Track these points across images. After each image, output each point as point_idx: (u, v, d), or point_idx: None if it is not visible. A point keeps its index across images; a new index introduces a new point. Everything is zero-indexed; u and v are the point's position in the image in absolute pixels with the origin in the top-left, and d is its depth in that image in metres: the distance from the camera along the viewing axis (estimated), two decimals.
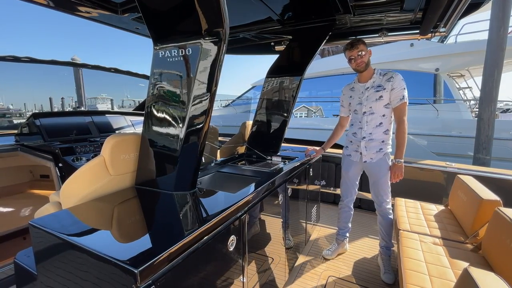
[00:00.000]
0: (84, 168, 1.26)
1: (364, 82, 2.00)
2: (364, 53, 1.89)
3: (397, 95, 1.88)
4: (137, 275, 0.71)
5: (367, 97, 1.98)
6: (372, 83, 1.96)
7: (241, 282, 1.28)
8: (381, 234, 2.15)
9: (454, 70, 7.94)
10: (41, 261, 1.02)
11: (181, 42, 1.23)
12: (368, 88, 1.97)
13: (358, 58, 1.90)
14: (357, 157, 2.10)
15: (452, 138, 6.96)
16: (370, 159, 2.04)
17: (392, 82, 1.88)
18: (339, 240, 2.36)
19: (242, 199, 1.26)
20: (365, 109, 1.99)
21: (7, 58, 2.42)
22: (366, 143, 2.03)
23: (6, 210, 2.74)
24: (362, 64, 1.91)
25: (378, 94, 1.93)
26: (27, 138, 2.59)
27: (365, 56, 1.90)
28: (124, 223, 1.06)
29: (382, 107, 1.94)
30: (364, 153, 2.05)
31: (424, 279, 1.37)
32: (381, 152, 2.01)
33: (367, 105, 1.98)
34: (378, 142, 2.00)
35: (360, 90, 2.02)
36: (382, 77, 1.94)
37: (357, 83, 2.06)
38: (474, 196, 1.80)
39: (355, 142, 2.11)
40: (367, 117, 1.99)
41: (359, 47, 1.89)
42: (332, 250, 2.31)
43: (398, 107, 1.91)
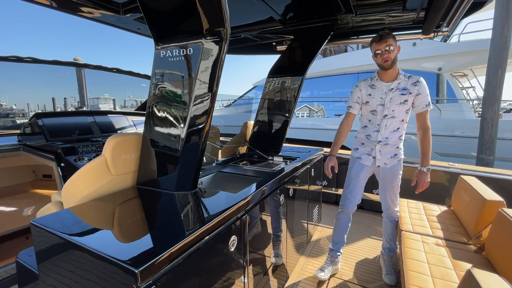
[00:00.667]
0: (86, 168, 1.27)
1: (388, 82, 1.83)
2: (393, 48, 1.72)
3: (422, 100, 1.79)
4: (137, 275, 0.71)
5: (390, 99, 1.82)
6: (397, 85, 1.80)
7: (242, 282, 1.27)
8: (386, 236, 2.12)
9: (457, 69, 7.90)
10: (42, 260, 1.02)
11: (182, 42, 1.23)
12: (393, 90, 1.81)
13: (385, 53, 1.73)
14: (369, 161, 1.98)
15: (455, 138, 6.91)
16: (384, 164, 1.94)
17: (418, 87, 1.77)
18: (332, 257, 2.09)
19: (243, 199, 1.26)
20: (387, 111, 1.84)
21: (10, 58, 2.44)
22: (382, 147, 1.92)
23: (9, 210, 2.76)
24: (388, 61, 1.74)
25: (403, 97, 1.80)
26: (29, 138, 2.60)
27: (393, 52, 1.73)
28: (125, 222, 1.06)
29: (404, 111, 1.84)
30: (378, 157, 1.93)
31: (426, 280, 1.36)
32: (396, 158, 1.93)
33: (390, 107, 1.83)
34: (393, 147, 1.91)
35: (383, 89, 1.84)
36: (407, 79, 1.81)
37: (379, 81, 1.87)
38: (478, 197, 1.78)
39: (368, 145, 1.98)
40: (387, 120, 1.86)
41: (388, 40, 1.71)
42: (326, 271, 2.00)
43: (423, 113, 1.82)
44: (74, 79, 7.39)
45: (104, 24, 2.31)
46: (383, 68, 1.81)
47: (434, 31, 2.33)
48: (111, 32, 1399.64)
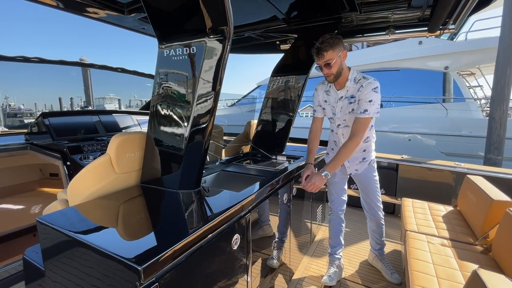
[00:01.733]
0: (91, 166, 1.28)
1: (339, 89, 1.72)
2: (332, 63, 1.54)
3: (360, 106, 1.59)
4: (140, 272, 0.72)
5: (341, 109, 1.74)
6: (346, 93, 1.69)
7: (245, 281, 1.27)
8: (374, 238, 2.06)
9: (465, 68, 7.78)
10: (48, 257, 1.03)
11: (186, 40, 1.23)
12: (342, 98, 1.71)
13: (325, 69, 1.58)
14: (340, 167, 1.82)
15: (462, 138, 6.82)
16: (355, 171, 1.87)
17: (360, 92, 1.59)
18: (334, 262, 2.02)
19: (246, 198, 1.26)
20: (339, 121, 1.78)
21: (17, 58, 2.48)
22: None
23: (17, 208, 2.81)
24: (329, 76, 1.61)
25: (351, 106, 1.67)
26: (36, 137, 2.64)
27: (334, 67, 1.56)
28: (129, 220, 1.07)
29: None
30: (346, 165, 1.86)
31: (432, 280, 1.35)
32: (365, 162, 1.84)
33: (341, 117, 1.75)
34: (359, 152, 1.81)
35: (335, 97, 1.75)
36: (356, 84, 1.63)
37: (333, 87, 1.75)
38: (484, 196, 1.75)
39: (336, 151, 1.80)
40: (342, 129, 1.79)
41: (325, 55, 1.52)
42: (332, 276, 1.91)
43: (358, 119, 1.59)
44: (80, 79, 7.49)
45: (109, 24, 2.33)
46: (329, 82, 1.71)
47: (441, 29, 2.29)
48: (116, 33, 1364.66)
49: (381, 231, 2.02)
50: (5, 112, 21.48)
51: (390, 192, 3.10)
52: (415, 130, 7.32)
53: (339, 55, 1.56)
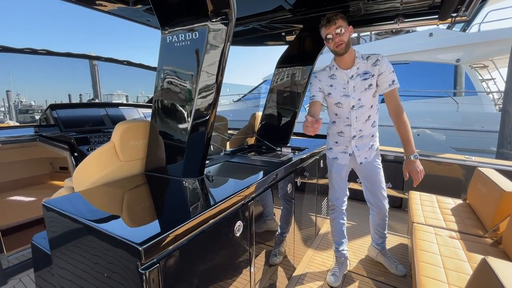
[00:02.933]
0: (95, 154, 1.29)
1: (346, 69, 1.66)
2: (344, 30, 1.53)
3: (386, 79, 1.59)
4: (141, 253, 0.72)
5: (354, 88, 1.65)
6: (357, 70, 1.64)
7: (248, 269, 1.27)
8: (376, 231, 2.00)
9: (477, 60, 7.53)
10: (53, 240, 1.05)
11: (188, 25, 1.22)
12: (353, 77, 1.65)
13: (336, 37, 1.55)
14: (345, 159, 1.82)
15: (473, 132, 6.63)
16: (365, 159, 1.79)
17: (379, 66, 1.59)
18: (341, 259, 1.99)
19: (249, 185, 1.25)
20: (354, 102, 1.67)
21: (24, 50, 2.52)
22: (357, 142, 1.75)
23: (28, 200, 2.88)
24: (341, 45, 1.56)
25: (367, 82, 1.62)
26: (45, 129, 2.70)
27: (345, 35, 1.54)
28: (133, 205, 1.08)
29: (371, 96, 1.66)
30: (356, 154, 1.78)
31: (438, 271, 1.32)
32: (373, 149, 1.78)
33: (356, 97, 1.66)
34: (368, 138, 1.75)
35: (344, 78, 1.68)
36: (366, 61, 1.63)
37: (338, 69, 1.69)
38: (495, 188, 1.70)
39: (342, 143, 1.81)
40: (356, 111, 1.69)
41: (337, 22, 1.52)
42: (338, 275, 1.89)
43: (391, 93, 1.61)
44: (88, 76, 7.58)
45: (115, 16, 2.34)
46: (337, 54, 1.64)
47: (452, 16, 2.21)
48: (123, 28, 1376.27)
49: (385, 223, 1.97)
50: (17, 108, 22.05)
51: (397, 186, 3.04)
52: (425, 124, 7.16)
53: (347, 27, 1.57)
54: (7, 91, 23.56)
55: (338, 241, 2.02)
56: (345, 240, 2.03)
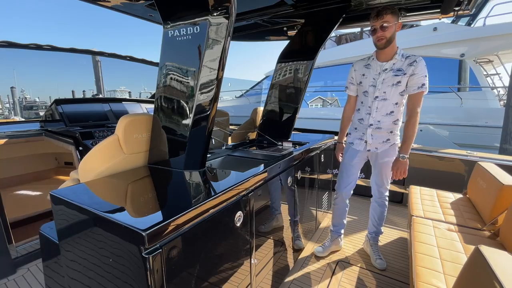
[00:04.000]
0: (100, 146, 1.33)
1: (383, 61, 1.75)
2: (389, 25, 1.59)
3: (417, 81, 1.65)
4: (145, 238, 0.76)
5: (383, 80, 1.74)
6: (392, 65, 1.71)
7: (248, 259, 1.31)
8: (373, 220, 2.08)
9: (482, 55, 7.43)
10: (61, 229, 1.09)
11: (190, 19, 1.24)
12: (387, 70, 1.73)
13: (380, 31, 1.62)
14: (361, 145, 1.92)
15: (477, 128, 6.59)
16: (375, 149, 1.87)
17: (414, 67, 1.65)
18: (333, 237, 2.19)
19: (249, 178, 1.28)
20: (378, 93, 1.76)
21: (30, 46, 2.56)
22: (373, 131, 1.84)
23: (35, 194, 2.94)
24: (383, 39, 1.64)
25: (397, 79, 1.70)
26: (51, 124, 2.75)
27: (389, 31, 1.61)
28: (137, 195, 1.12)
29: (398, 94, 1.73)
30: (369, 142, 1.86)
31: (435, 262, 1.34)
32: (388, 143, 1.84)
33: (381, 89, 1.75)
34: (386, 132, 1.82)
35: (377, 69, 1.77)
36: (405, 60, 1.69)
37: (375, 60, 1.79)
38: (494, 182, 1.72)
39: (360, 129, 1.92)
40: (378, 102, 1.78)
41: (385, 17, 1.58)
42: (324, 247, 2.13)
43: (415, 95, 1.68)
44: (91, 72, 7.64)
45: (118, 12, 2.36)
46: (377, 47, 1.73)
47: (454, 10, 2.20)
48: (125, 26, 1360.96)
49: (382, 213, 2.04)
50: (22, 104, 22.30)
51: (398, 182, 3.06)
52: (428, 120, 7.11)
53: (395, 23, 1.63)
54: (12, 88, 23.78)
55: (335, 223, 2.20)
56: (342, 224, 2.19)
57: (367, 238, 2.16)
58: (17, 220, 2.38)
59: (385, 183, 1.96)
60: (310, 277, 1.91)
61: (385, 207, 2.03)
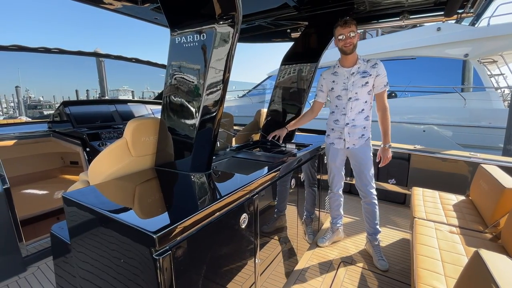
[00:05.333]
0: (109, 149, 1.37)
1: (348, 67, 1.95)
2: (354, 34, 1.83)
3: (381, 81, 1.90)
4: (155, 240, 0.79)
5: (353, 83, 1.94)
6: (358, 69, 1.93)
7: (252, 260, 1.34)
8: (368, 222, 2.14)
9: (486, 55, 7.38)
10: (73, 229, 1.13)
11: (197, 27, 1.27)
12: (354, 74, 1.93)
13: (348, 39, 1.84)
14: (341, 144, 2.09)
15: (480, 129, 6.55)
16: (353, 145, 2.04)
17: (377, 69, 1.89)
18: (334, 228, 2.37)
19: (254, 180, 1.31)
20: (351, 94, 1.96)
21: (38, 49, 2.61)
22: (350, 129, 2.02)
23: (42, 193, 3.00)
24: (350, 46, 1.85)
25: (364, 80, 1.91)
26: (58, 125, 2.80)
27: (355, 38, 1.85)
28: (145, 197, 1.15)
29: (366, 93, 1.94)
30: (347, 139, 2.04)
31: (436, 264, 1.37)
32: (363, 138, 2.03)
33: (353, 90, 1.95)
34: (360, 128, 2.01)
35: (345, 75, 1.97)
36: (366, 63, 1.93)
37: (340, 67, 2.00)
38: (497, 184, 1.73)
39: (337, 130, 2.09)
40: (352, 103, 1.97)
41: (351, 26, 1.82)
42: (326, 238, 2.33)
43: (382, 93, 1.93)
44: (95, 72, 7.70)
45: (123, 15, 2.40)
46: (344, 53, 1.92)
47: (458, 13, 2.21)
48: (129, 26, 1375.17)
49: (374, 212, 2.09)
50: (26, 104, 22.53)
51: (401, 183, 3.07)
52: (431, 121, 7.09)
53: (358, 33, 1.87)
54: (16, 87, 23.99)
55: (333, 215, 2.37)
56: (340, 214, 2.36)
57: (368, 239, 2.19)
58: (25, 218, 2.43)
59: (370, 180, 2.06)
60: (313, 276, 1.93)
61: (376, 206, 2.09)
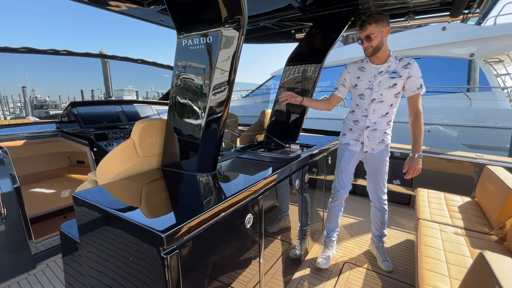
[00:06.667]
0: (117, 150, 1.39)
1: (377, 64, 1.78)
2: (373, 35, 1.64)
3: (414, 83, 1.73)
4: (164, 239, 0.81)
5: (379, 83, 1.77)
6: (387, 68, 1.75)
7: (257, 260, 1.36)
8: (375, 224, 2.09)
9: (492, 55, 7.29)
10: (82, 227, 1.16)
11: (203, 30, 1.29)
12: (382, 73, 1.76)
13: (365, 42, 1.69)
14: (357, 147, 1.96)
15: (486, 129, 6.48)
16: (372, 150, 1.92)
17: (409, 70, 1.72)
18: (329, 244, 2.14)
19: (259, 181, 1.32)
20: (375, 95, 1.80)
21: (48, 51, 2.66)
22: (370, 133, 1.88)
23: (49, 192, 3.05)
24: (369, 49, 1.70)
25: (393, 81, 1.75)
26: (66, 126, 2.85)
27: (375, 40, 1.66)
28: (152, 198, 1.17)
29: (393, 96, 1.79)
30: (366, 143, 1.91)
31: (440, 266, 1.37)
32: (383, 143, 1.90)
33: (378, 91, 1.79)
34: (381, 132, 1.87)
35: (372, 72, 1.79)
36: (398, 62, 1.75)
37: (369, 63, 1.81)
38: (503, 186, 1.72)
39: (356, 131, 1.95)
40: (375, 105, 1.82)
41: (367, 28, 1.64)
42: (327, 258, 2.05)
43: (414, 97, 1.76)
44: (100, 72, 7.79)
45: (129, 17, 2.43)
46: (366, 56, 1.79)
47: (464, 13, 2.19)
48: (134, 26, 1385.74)
49: (383, 217, 2.05)
50: (32, 104, 22.85)
51: (406, 183, 3.06)
52: (436, 121, 7.03)
53: (382, 30, 1.66)
54: (23, 87, 24.32)
55: (331, 228, 2.17)
56: (337, 228, 2.19)
57: (372, 240, 2.18)
58: (34, 217, 2.48)
59: (383, 186, 1.99)
60: (317, 277, 1.94)
61: (386, 211, 2.04)
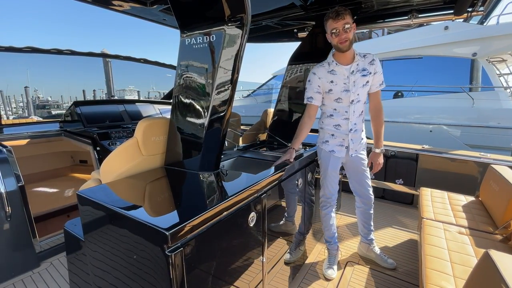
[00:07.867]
0: (120, 148, 1.40)
1: (346, 64, 1.68)
2: (349, 27, 1.54)
3: (378, 79, 1.71)
4: (168, 237, 0.81)
5: (354, 83, 1.68)
6: (357, 66, 1.67)
7: (260, 258, 1.35)
8: (366, 226, 2.04)
9: (495, 54, 7.24)
10: (87, 226, 1.16)
11: (206, 29, 1.29)
12: (354, 72, 1.67)
13: (343, 33, 1.54)
14: (342, 152, 1.84)
15: (489, 129, 6.44)
16: (355, 151, 1.84)
17: (374, 66, 1.68)
18: (332, 251, 2.04)
19: (262, 180, 1.32)
20: (353, 96, 1.70)
21: (51, 51, 2.67)
22: (353, 135, 1.79)
23: (52, 191, 3.07)
24: (346, 41, 1.56)
25: (365, 79, 1.68)
26: (69, 125, 2.86)
27: (351, 32, 1.55)
28: (156, 196, 1.18)
29: (366, 93, 1.76)
30: (351, 146, 1.81)
31: (445, 265, 1.36)
32: (363, 143, 1.85)
33: (355, 92, 1.70)
34: (360, 131, 1.82)
35: (344, 74, 1.69)
36: (364, 59, 1.69)
37: (338, 65, 1.69)
38: (507, 185, 1.71)
39: (339, 135, 1.82)
40: (355, 106, 1.73)
41: (345, 17, 1.52)
42: (334, 268, 1.95)
43: (377, 93, 1.76)
44: (101, 72, 7.81)
45: (132, 16, 2.43)
46: (339, 50, 1.63)
47: (468, 12, 2.18)
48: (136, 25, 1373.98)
49: (371, 215, 2.03)
50: (35, 103, 22.95)
51: (409, 183, 3.05)
52: (439, 121, 7.00)
53: (353, 24, 1.58)
54: (25, 87, 24.47)
55: (330, 235, 2.04)
56: (336, 232, 2.06)
57: (365, 243, 2.10)
58: (37, 215, 2.49)
59: (369, 184, 1.95)
60: (319, 276, 1.94)
61: (372, 208, 2.01)
